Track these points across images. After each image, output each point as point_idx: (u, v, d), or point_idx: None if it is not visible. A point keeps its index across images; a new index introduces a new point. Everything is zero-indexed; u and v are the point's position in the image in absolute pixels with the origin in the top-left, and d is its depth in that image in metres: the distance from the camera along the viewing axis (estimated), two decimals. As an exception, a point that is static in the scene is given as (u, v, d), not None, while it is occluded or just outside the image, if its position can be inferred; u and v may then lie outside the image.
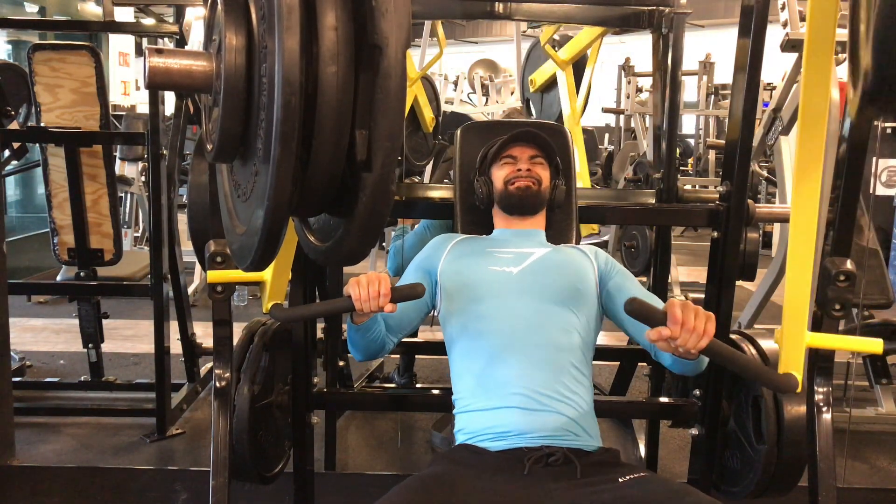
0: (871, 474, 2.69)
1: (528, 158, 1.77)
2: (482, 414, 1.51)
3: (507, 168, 1.77)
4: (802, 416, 1.70)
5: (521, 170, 1.75)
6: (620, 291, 1.62)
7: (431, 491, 1.31)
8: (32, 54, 2.86)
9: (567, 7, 2.30)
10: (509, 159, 1.78)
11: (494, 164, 1.80)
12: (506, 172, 1.77)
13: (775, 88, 4.33)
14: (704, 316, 1.22)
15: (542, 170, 1.77)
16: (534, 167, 1.76)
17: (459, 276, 1.66)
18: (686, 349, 1.22)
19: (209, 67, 1.01)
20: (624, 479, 1.36)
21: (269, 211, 0.93)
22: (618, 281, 1.66)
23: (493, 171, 1.80)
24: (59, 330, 4.19)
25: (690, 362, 1.41)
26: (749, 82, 1.77)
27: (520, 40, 6.17)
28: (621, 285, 1.64)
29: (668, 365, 1.52)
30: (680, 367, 1.47)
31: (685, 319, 1.20)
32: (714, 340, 1.22)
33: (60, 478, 2.43)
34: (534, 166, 1.76)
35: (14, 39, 6.36)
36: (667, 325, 1.21)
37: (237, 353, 1.84)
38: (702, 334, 1.20)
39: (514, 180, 1.75)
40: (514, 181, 1.74)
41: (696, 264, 6.22)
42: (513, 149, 1.78)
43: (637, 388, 3.12)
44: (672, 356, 1.40)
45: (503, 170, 1.77)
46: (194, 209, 2.27)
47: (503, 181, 1.76)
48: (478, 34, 16.03)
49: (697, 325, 1.20)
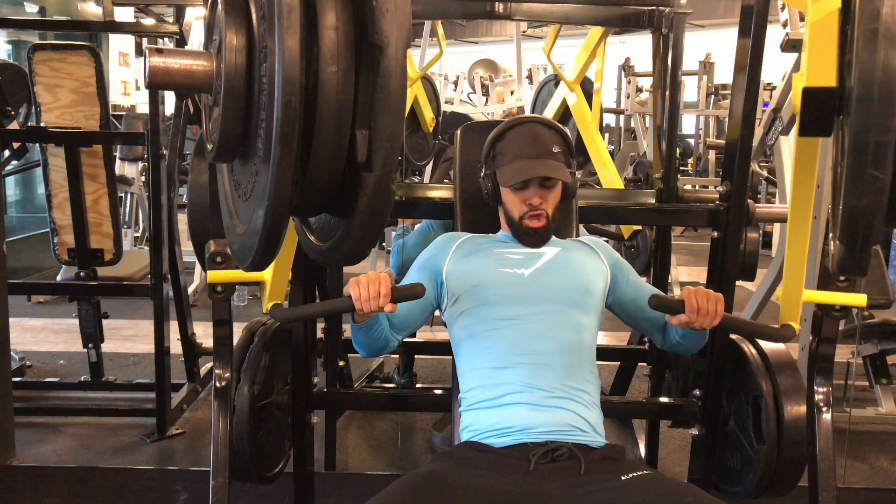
0: (871, 474, 2.69)
1: (538, 184, 1.66)
2: (489, 411, 1.51)
3: (519, 197, 1.67)
4: (802, 416, 1.70)
5: (532, 205, 1.66)
6: (640, 290, 1.72)
7: (427, 488, 1.31)
8: (32, 54, 2.85)
9: (567, 7, 2.30)
10: (520, 185, 1.67)
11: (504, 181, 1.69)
12: (517, 205, 1.68)
13: (775, 88, 4.33)
14: (714, 298, 1.50)
15: (552, 196, 1.68)
16: (545, 196, 1.67)
17: (468, 277, 1.64)
18: (702, 327, 1.51)
19: (209, 67, 1.01)
20: (627, 477, 1.36)
21: (270, 211, 0.93)
22: (634, 281, 1.74)
23: (505, 192, 1.70)
24: (59, 330, 4.19)
25: (696, 339, 1.64)
26: (749, 82, 1.77)
27: (520, 40, 6.17)
28: (639, 284, 1.74)
29: (675, 343, 1.68)
30: (688, 343, 1.65)
31: (700, 305, 1.48)
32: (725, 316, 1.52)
33: (60, 478, 2.43)
34: (545, 193, 1.67)
35: (14, 39, 6.36)
36: (685, 313, 1.49)
37: (237, 353, 1.84)
38: (714, 315, 1.49)
39: (524, 218, 1.68)
40: (524, 219, 1.68)
41: (696, 264, 6.22)
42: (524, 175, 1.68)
43: (637, 388, 3.12)
44: (682, 334, 1.62)
45: (515, 196, 1.68)
46: (194, 209, 2.26)
47: (517, 215, 1.69)
48: (478, 34, 16.03)
49: (710, 308, 1.48)
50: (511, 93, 7.82)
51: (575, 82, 2.99)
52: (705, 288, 1.53)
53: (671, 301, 1.55)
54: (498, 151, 1.71)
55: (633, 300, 1.71)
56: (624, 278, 1.72)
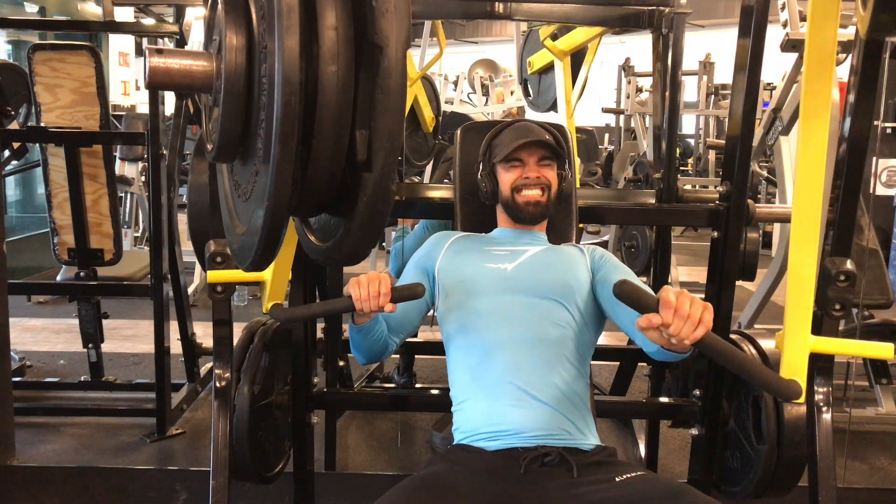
0: (871, 474, 2.69)
1: (536, 161, 1.71)
2: (477, 410, 1.51)
3: (515, 172, 1.71)
4: (802, 416, 1.70)
5: (530, 177, 1.70)
6: (608, 280, 1.55)
7: (429, 491, 1.32)
8: (32, 54, 2.85)
9: (567, 7, 2.30)
10: (517, 162, 1.71)
11: (501, 165, 1.74)
12: (513, 177, 1.71)
13: (775, 88, 4.32)
14: (701, 305, 1.13)
15: (549, 172, 1.72)
16: (542, 171, 1.71)
17: (456, 273, 1.66)
18: (679, 339, 1.12)
19: (209, 67, 1.01)
20: (621, 479, 1.35)
21: (269, 211, 0.93)
22: (607, 271, 1.61)
23: (500, 173, 1.74)
24: (59, 330, 4.19)
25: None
26: (749, 82, 1.77)
27: (520, 40, 6.16)
28: (609, 275, 1.58)
29: (652, 352, 1.40)
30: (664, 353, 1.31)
31: (679, 305, 1.11)
32: (710, 333, 1.13)
33: (60, 478, 2.43)
34: (542, 169, 1.71)
35: (14, 39, 6.35)
36: (658, 312, 1.12)
37: (237, 353, 1.84)
38: (696, 323, 1.11)
39: (522, 188, 1.70)
40: (522, 189, 1.70)
41: (696, 264, 6.22)
42: (520, 151, 1.72)
43: (637, 388, 3.12)
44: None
45: (511, 173, 1.71)
46: (194, 209, 2.27)
47: (510, 186, 1.71)
48: (478, 34, 16.02)
49: (693, 313, 1.11)
50: (511, 93, 7.82)
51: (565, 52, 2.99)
52: (705, 288, 1.51)
53: (642, 293, 1.14)
54: (494, 145, 1.77)
55: (603, 290, 1.57)
56: (599, 268, 1.64)
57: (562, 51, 3.00)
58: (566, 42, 3.00)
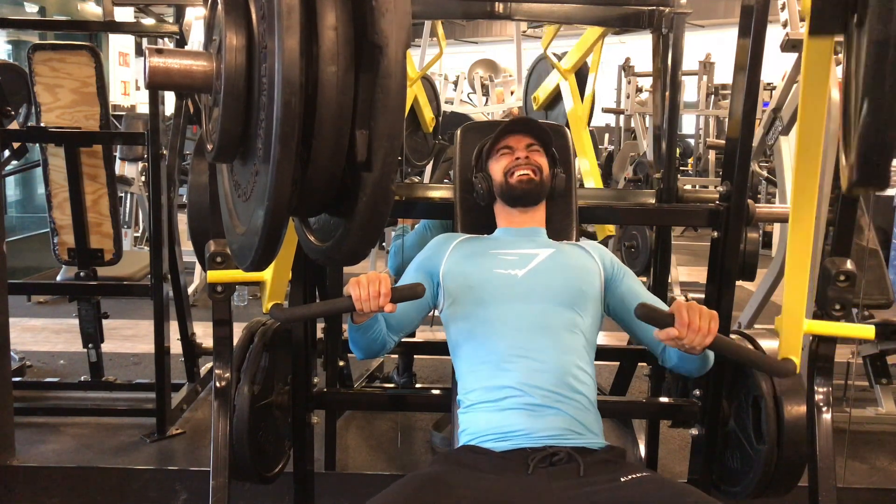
0: (871, 474, 2.69)
1: (524, 147, 1.77)
2: (487, 414, 1.51)
3: (505, 159, 1.76)
4: (802, 416, 1.70)
5: (520, 158, 1.74)
6: (632, 295, 1.66)
7: (428, 489, 1.31)
8: (32, 54, 2.85)
9: (567, 7, 2.30)
10: (506, 150, 1.77)
11: (492, 158, 1.80)
12: (504, 163, 1.76)
13: (775, 88, 4.32)
14: (708, 315, 1.35)
15: (539, 157, 1.77)
16: (531, 155, 1.76)
17: (464, 278, 1.65)
18: (692, 346, 1.35)
19: (209, 67, 1.01)
20: (626, 479, 1.35)
21: (269, 211, 0.93)
22: (628, 284, 1.69)
23: (492, 165, 1.79)
24: (59, 330, 4.19)
25: (696, 362, 1.51)
26: (749, 82, 1.77)
27: (520, 40, 6.16)
28: (632, 289, 1.68)
29: (673, 365, 1.58)
30: (686, 366, 1.54)
31: (691, 320, 1.33)
32: (718, 336, 1.35)
33: (60, 478, 2.43)
34: (531, 154, 1.76)
35: (14, 39, 6.36)
36: (674, 327, 1.34)
37: (237, 353, 1.84)
38: (706, 333, 1.34)
39: (514, 170, 1.74)
40: (514, 170, 1.74)
41: (696, 264, 6.22)
42: (508, 139, 1.78)
43: (637, 388, 3.12)
44: (679, 355, 1.52)
45: (501, 161, 1.77)
46: (194, 209, 2.27)
47: (502, 172, 1.76)
48: (478, 34, 16.03)
49: (703, 325, 1.33)
50: (511, 93, 7.82)
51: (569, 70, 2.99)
52: (705, 288, 1.53)
53: (660, 312, 1.38)
54: (487, 147, 1.83)
55: (624, 303, 1.66)
56: (618, 280, 1.69)
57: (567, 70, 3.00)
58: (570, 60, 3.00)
